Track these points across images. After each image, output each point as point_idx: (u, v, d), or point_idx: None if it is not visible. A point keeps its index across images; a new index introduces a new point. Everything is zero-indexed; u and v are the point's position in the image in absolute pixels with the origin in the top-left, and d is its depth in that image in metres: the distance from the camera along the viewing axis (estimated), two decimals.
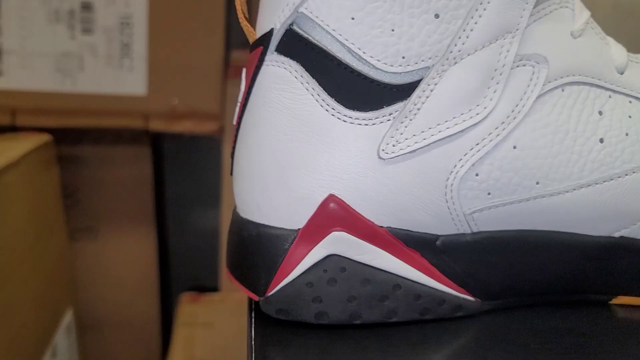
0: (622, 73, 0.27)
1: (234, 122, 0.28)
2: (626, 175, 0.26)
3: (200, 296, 0.78)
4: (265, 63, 0.26)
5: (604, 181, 0.26)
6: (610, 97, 0.27)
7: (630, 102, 0.27)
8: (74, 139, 0.80)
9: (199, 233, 0.94)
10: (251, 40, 0.28)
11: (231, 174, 0.28)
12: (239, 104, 0.28)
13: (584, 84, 0.27)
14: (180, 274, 0.94)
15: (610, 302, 0.29)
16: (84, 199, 0.80)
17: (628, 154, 0.26)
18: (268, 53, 0.26)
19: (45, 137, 0.68)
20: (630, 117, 0.27)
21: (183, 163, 0.95)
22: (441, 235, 0.26)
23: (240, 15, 0.28)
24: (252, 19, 0.28)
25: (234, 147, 0.28)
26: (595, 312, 0.29)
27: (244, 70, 0.28)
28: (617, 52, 0.27)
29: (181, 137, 0.85)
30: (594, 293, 0.29)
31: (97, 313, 0.80)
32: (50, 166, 0.69)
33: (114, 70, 0.73)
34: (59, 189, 0.71)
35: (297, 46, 0.25)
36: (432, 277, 0.26)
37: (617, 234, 0.27)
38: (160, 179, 0.92)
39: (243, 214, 0.27)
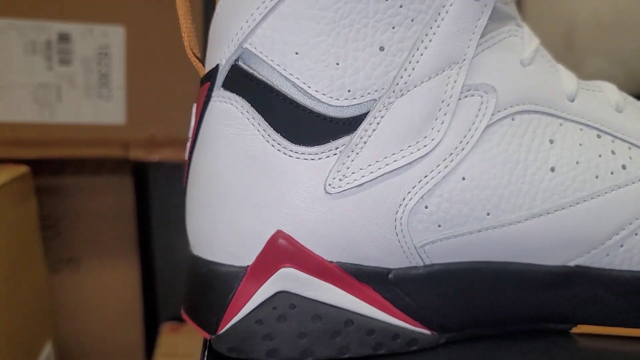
0: (572, 100, 0.27)
1: (185, 157, 0.28)
2: (577, 204, 0.26)
3: (181, 326, 0.77)
4: (212, 99, 0.26)
5: (556, 210, 0.26)
6: (561, 125, 0.27)
7: (581, 129, 0.27)
8: (55, 169, 0.79)
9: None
10: (201, 75, 0.27)
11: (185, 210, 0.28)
12: (190, 140, 0.28)
13: (535, 112, 0.26)
14: (167, 302, 0.93)
15: (571, 331, 0.29)
16: (65, 230, 0.80)
17: (579, 182, 0.26)
18: (215, 89, 0.26)
19: (22, 169, 0.67)
20: (580, 145, 0.27)
21: (169, 191, 0.94)
22: (393, 269, 0.26)
23: (187, 51, 0.27)
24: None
25: (186, 183, 0.28)
26: (555, 342, 0.28)
27: (194, 105, 0.28)
28: (567, 79, 0.27)
29: (164, 165, 0.84)
30: (555, 322, 0.28)
31: (79, 345, 0.79)
32: (28, 198, 0.69)
33: (93, 100, 0.73)
34: (36, 221, 0.71)
35: (243, 82, 0.25)
36: (385, 312, 0.26)
37: (572, 263, 0.27)
38: (146, 207, 0.91)
39: (195, 251, 0.27)
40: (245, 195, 0.25)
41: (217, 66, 0.26)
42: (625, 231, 0.26)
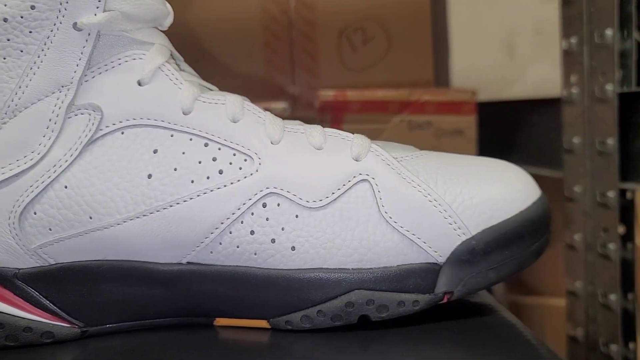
0: (188, 114, 0.30)
1: None
2: (171, 206, 0.29)
3: None
4: None
5: (151, 213, 0.29)
6: (172, 136, 0.30)
7: (190, 139, 0.30)
8: None
9: None
10: None
11: None
12: None
13: (146, 126, 0.30)
14: None
15: (214, 323, 0.31)
16: None
17: (175, 186, 0.29)
18: None
19: None
20: (184, 153, 0.29)
21: None
22: (20, 269, 0.29)
23: None
24: None
25: None
26: (197, 334, 0.31)
27: None
28: (186, 94, 0.30)
29: None
30: (195, 316, 0.31)
31: None
32: None
33: None
34: None
35: None
36: (15, 307, 0.30)
37: (184, 260, 0.30)
38: None
39: None
40: None
41: None
42: (219, 230, 0.29)
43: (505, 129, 0.89)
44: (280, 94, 0.86)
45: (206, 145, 0.30)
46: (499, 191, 0.30)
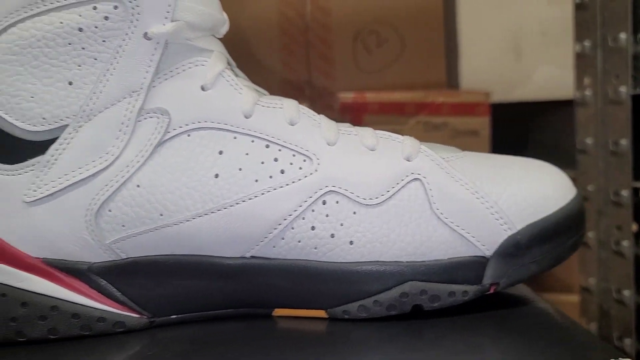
0: (248, 117, 0.32)
1: None
2: (237, 204, 0.31)
3: None
4: None
5: (218, 210, 0.31)
6: (235, 138, 0.32)
7: (252, 141, 0.32)
8: None
9: None
10: None
11: None
12: None
13: (211, 128, 0.32)
14: None
15: (273, 314, 0.33)
16: None
17: (240, 186, 0.31)
18: None
19: None
20: (247, 154, 0.31)
21: None
22: (94, 263, 0.31)
23: None
24: None
25: None
26: (255, 324, 0.33)
27: None
28: (246, 99, 0.32)
29: None
30: (255, 307, 0.33)
31: None
32: None
33: None
34: None
35: None
36: (89, 298, 0.32)
37: (248, 254, 0.32)
38: None
39: None
40: None
41: None
42: (282, 225, 0.31)
43: (519, 129, 0.91)
44: (297, 96, 0.88)
45: (267, 146, 0.32)
46: (540, 189, 0.32)
